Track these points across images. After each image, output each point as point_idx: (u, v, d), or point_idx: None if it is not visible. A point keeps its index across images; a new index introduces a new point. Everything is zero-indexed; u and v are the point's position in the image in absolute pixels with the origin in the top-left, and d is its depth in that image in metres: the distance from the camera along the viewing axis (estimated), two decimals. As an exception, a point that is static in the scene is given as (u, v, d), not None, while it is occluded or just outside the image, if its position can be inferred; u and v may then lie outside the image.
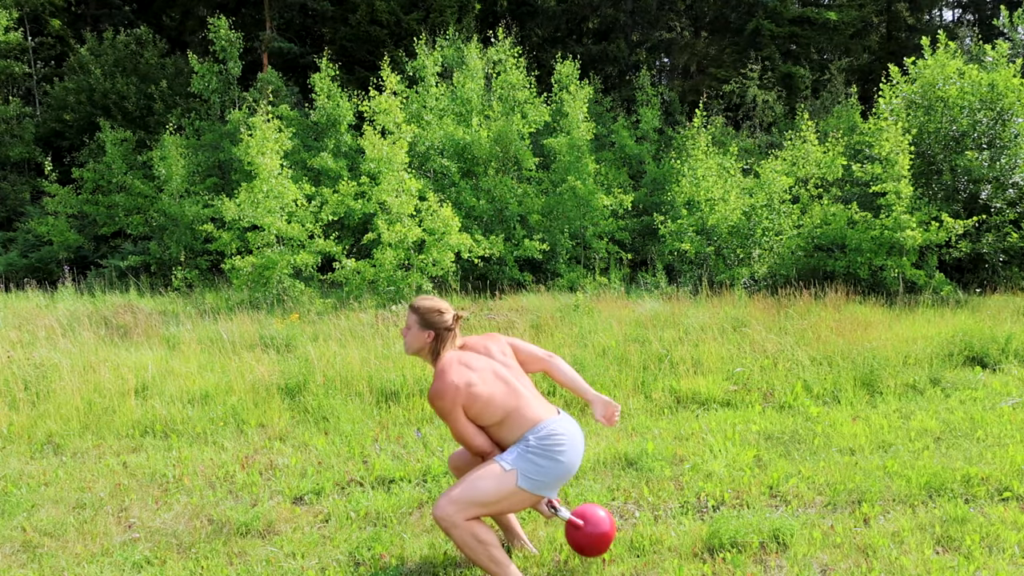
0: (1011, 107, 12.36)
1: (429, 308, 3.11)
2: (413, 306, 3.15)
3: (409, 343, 3.16)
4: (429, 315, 3.10)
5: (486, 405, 2.99)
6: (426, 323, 3.10)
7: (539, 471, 2.95)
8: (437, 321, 3.10)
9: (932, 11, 27.70)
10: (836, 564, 3.26)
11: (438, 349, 3.11)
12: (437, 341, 3.11)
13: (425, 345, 3.12)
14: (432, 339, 3.11)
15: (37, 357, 6.84)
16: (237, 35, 18.08)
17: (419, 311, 3.12)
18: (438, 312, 3.10)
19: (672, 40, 25.35)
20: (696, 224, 13.18)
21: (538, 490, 2.97)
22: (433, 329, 3.10)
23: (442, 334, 3.11)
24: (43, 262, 17.13)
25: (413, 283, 11.42)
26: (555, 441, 2.97)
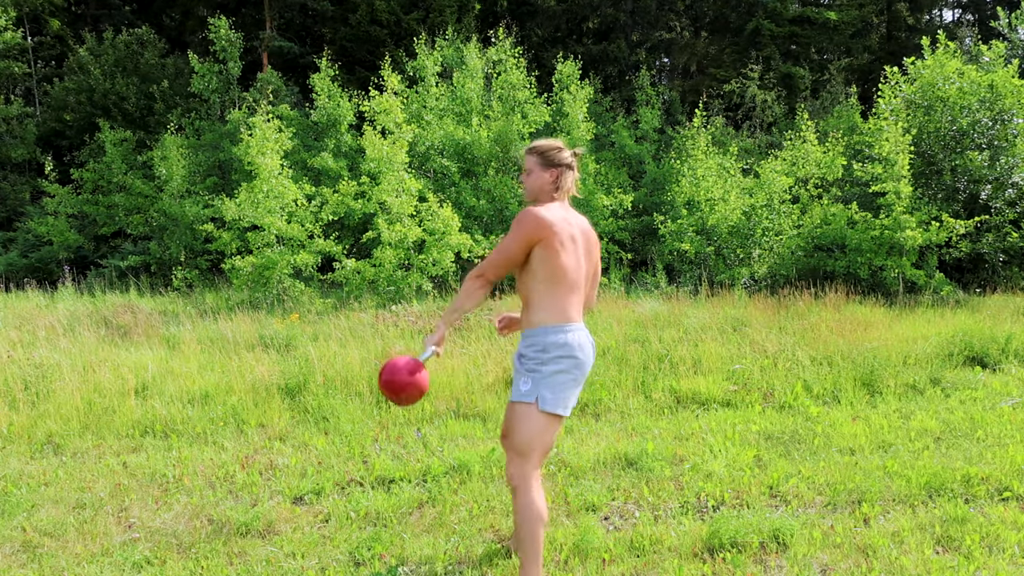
0: (1011, 108, 12.36)
1: (549, 146, 3.11)
2: (531, 148, 3.13)
3: (531, 186, 3.13)
4: (550, 152, 3.09)
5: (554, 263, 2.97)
6: (548, 161, 3.09)
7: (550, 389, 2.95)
8: (559, 158, 3.09)
9: (932, 11, 27.70)
10: (836, 564, 3.26)
11: (559, 188, 3.10)
12: (559, 180, 3.10)
13: (547, 185, 3.10)
14: (555, 178, 3.10)
15: (37, 357, 6.85)
16: (237, 35, 18.08)
17: (539, 150, 3.11)
18: (558, 149, 3.10)
19: (672, 40, 25.34)
20: (696, 224, 13.18)
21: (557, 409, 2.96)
22: (555, 167, 3.09)
23: (564, 172, 3.10)
24: (43, 262, 17.13)
25: (413, 283, 11.42)
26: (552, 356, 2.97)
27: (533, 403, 2.96)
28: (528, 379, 2.99)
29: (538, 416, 2.96)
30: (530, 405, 2.96)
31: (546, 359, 2.97)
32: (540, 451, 3.00)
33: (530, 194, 3.15)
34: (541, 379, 2.97)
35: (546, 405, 2.95)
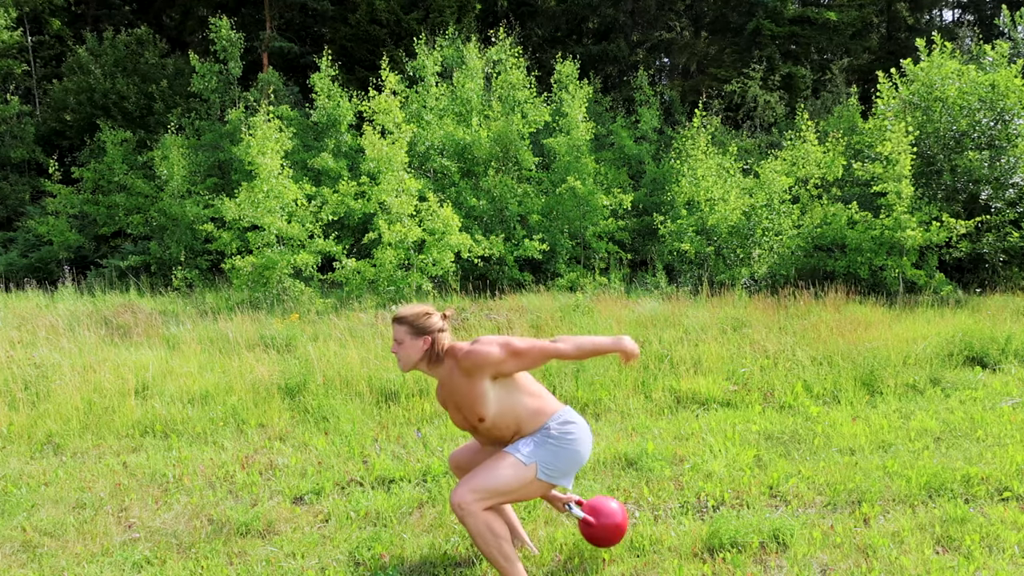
0: (1012, 108, 12.35)
1: (416, 314, 3.00)
2: (397, 318, 3.02)
3: (404, 358, 3.03)
4: (418, 321, 2.99)
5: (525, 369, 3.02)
6: (418, 330, 2.99)
7: (557, 460, 2.98)
8: (428, 324, 2.99)
9: (932, 11, 27.69)
10: (836, 564, 3.26)
11: (437, 353, 3.02)
12: (434, 345, 3.01)
13: (422, 354, 3.02)
14: (429, 345, 3.00)
15: (37, 357, 6.85)
16: (238, 35, 18.08)
17: (406, 320, 3.00)
18: (425, 315, 3.00)
19: (672, 40, 25.34)
20: (696, 224, 13.18)
21: (555, 480, 3.00)
22: (428, 334, 3.00)
23: (437, 336, 3.00)
24: (43, 262, 17.13)
25: (413, 283, 11.42)
26: (572, 428, 3.03)
27: (532, 464, 2.96)
28: (530, 441, 3.00)
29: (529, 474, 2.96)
30: (527, 466, 2.96)
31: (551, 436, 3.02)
32: (511, 499, 3.00)
33: (406, 365, 3.04)
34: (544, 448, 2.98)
35: (544, 476, 2.97)
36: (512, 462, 2.95)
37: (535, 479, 2.95)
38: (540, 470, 2.95)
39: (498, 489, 2.91)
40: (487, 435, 3.11)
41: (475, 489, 2.88)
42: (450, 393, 3.06)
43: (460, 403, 3.04)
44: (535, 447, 2.98)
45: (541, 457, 2.96)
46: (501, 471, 2.92)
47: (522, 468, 2.94)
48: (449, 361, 3.03)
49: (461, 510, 2.86)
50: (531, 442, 2.99)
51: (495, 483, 2.90)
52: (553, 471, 2.98)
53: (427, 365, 3.05)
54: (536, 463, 2.95)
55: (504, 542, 2.91)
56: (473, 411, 3.01)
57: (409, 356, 3.02)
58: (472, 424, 3.08)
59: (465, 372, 2.96)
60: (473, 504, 2.86)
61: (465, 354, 2.94)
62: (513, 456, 2.96)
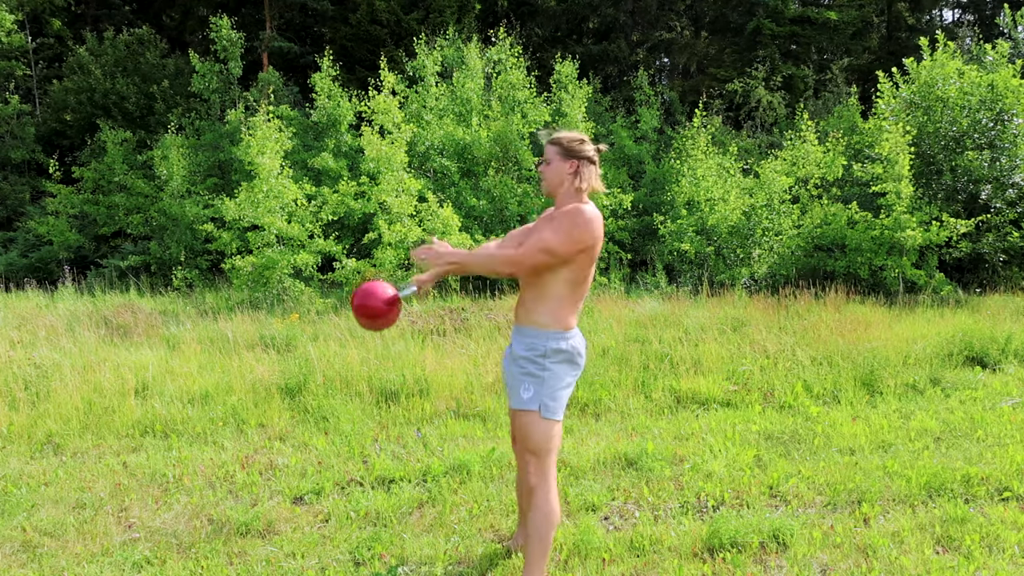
0: (1011, 107, 12.35)
1: (571, 137, 3.00)
2: (553, 138, 3.02)
3: (549, 177, 3.00)
4: (571, 144, 2.98)
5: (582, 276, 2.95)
6: (569, 153, 2.98)
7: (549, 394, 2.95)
8: (580, 150, 2.98)
9: (932, 11, 27.68)
10: (836, 564, 3.26)
11: (579, 184, 2.97)
12: (578, 173, 2.97)
13: (566, 178, 2.98)
14: (574, 169, 2.97)
15: (37, 357, 6.85)
16: (238, 35, 18.08)
17: (560, 141, 3.00)
18: (580, 141, 2.99)
19: (672, 40, 25.34)
20: (696, 224, 13.18)
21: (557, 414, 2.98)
22: (576, 158, 2.97)
23: (584, 164, 2.97)
24: (43, 262, 17.13)
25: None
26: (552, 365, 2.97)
27: (536, 411, 2.96)
28: (529, 386, 2.98)
29: (542, 422, 2.97)
30: (533, 413, 2.96)
31: (547, 365, 2.96)
32: (554, 450, 3.02)
33: (547, 185, 3.03)
34: (542, 386, 2.96)
35: (548, 413, 2.96)
36: (524, 419, 2.97)
37: (542, 419, 2.94)
38: (544, 410, 2.94)
39: (539, 445, 2.95)
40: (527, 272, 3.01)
41: (531, 457, 2.97)
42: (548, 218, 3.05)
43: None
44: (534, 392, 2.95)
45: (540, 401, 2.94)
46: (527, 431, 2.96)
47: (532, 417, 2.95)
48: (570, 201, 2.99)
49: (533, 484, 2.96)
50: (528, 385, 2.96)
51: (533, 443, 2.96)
52: (550, 406, 2.96)
53: (565, 193, 2.99)
54: (539, 406, 2.94)
55: (553, 531, 2.97)
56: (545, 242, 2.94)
57: (554, 176, 3.00)
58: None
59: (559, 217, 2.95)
60: (545, 479, 2.96)
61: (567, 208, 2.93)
62: (522, 412, 2.97)
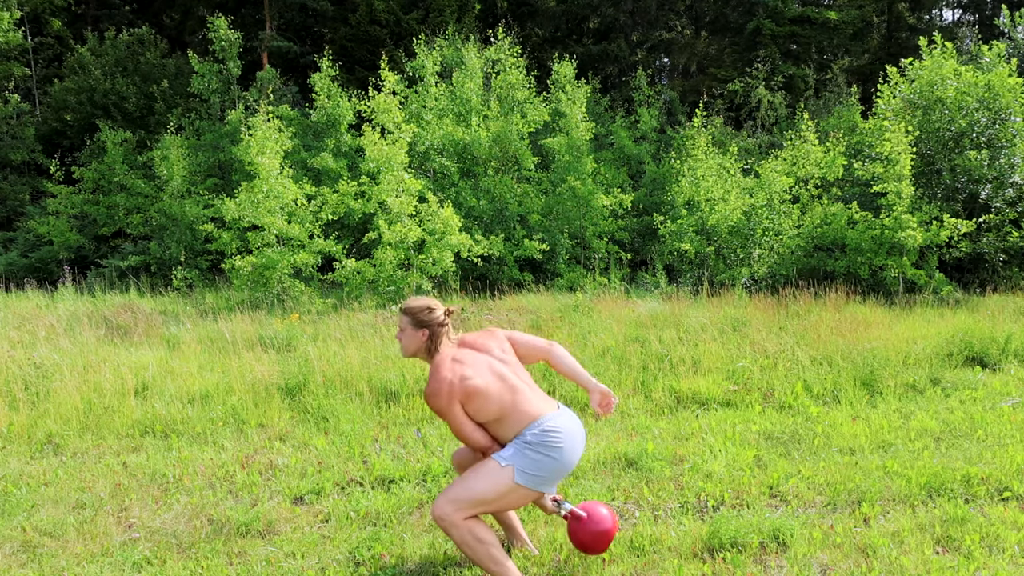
0: (1008, 107, 12.36)
1: (419, 307, 3.14)
2: (403, 308, 3.19)
3: (405, 346, 3.19)
4: (420, 314, 3.13)
5: (484, 400, 3.00)
6: (418, 322, 3.13)
7: (536, 466, 2.95)
8: (429, 319, 3.12)
9: (932, 11, 27.69)
10: (836, 564, 3.26)
11: (434, 347, 3.13)
12: (432, 339, 3.13)
13: (421, 345, 3.15)
14: (427, 337, 3.13)
15: (37, 357, 6.84)
16: (236, 35, 18.08)
17: (410, 312, 3.15)
18: (428, 310, 3.13)
19: (672, 40, 25.35)
20: (696, 224, 13.18)
21: (536, 486, 2.98)
22: (427, 327, 3.12)
23: (436, 331, 3.13)
24: (43, 262, 17.13)
25: (413, 283, 11.42)
26: (553, 437, 2.98)
27: (508, 467, 2.95)
28: (511, 449, 3.00)
29: (506, 478, 2.94)
30: (504, 467, 2.95)
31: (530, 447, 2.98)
32: (488, 509, 3.00)
33: (405, 351, 3.20)
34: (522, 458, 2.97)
35: (521, 478, 2.94)
36: (490, 468, 2.97)
37: (514, 484, 2.93)
38: (517, 473, 2.93)
39: (476, 498, 2.92)
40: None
41: (453, 499, 2.91)
42: None
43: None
44: (514, 452, 2.98)
45: (519, 463, 2.95)
46: (479, 480, 2.95)
47: (499, 472, 2.94)
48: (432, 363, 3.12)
49: (443, 522, 2.90)
50: (511, 447, 3.00)
51: (472, 493, 2.92)
52: (533, 477, 2.96)
53: (424, 356, 3.17)
54: (513, 466, 2.94)
55: (492, 547, 2.92)
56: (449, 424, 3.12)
57: (407, 345, 3.19)
58: None
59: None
60: (454, 515, 2.89)
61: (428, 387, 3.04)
62: (492, 462, 2.98)
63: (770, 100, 20.25)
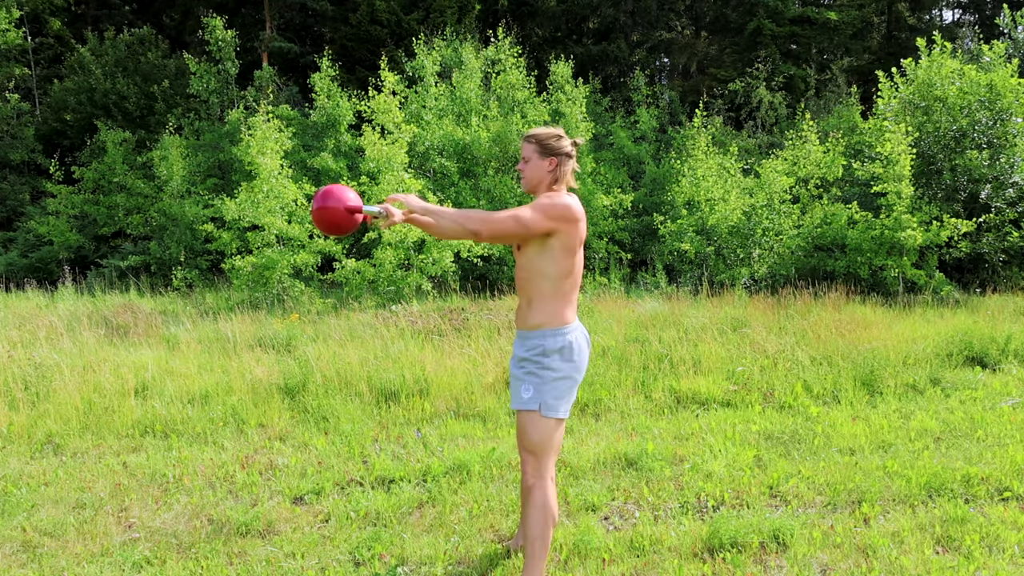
0: (1009, 107, 12.36)
1: (547, 134, 3.01)
2: (529, 135, 3.03)
3: (529, 176, 3.03)
4: (548, 141, 3.00)
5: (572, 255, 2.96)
6: (547, 150, 2.99)
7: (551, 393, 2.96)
8: (557, 146, 3.00)
9: (932, 11, 27.69)
10: (836, 564, 3.26)
11: (560, 178, 3.01)
12: (558, 169, 3.00)
13: (546, 176, 3.01)
14: (554, 167, 3.00)
15: (37, 357, 6.84)
16: (232, 34, 18.08)
17: (537, 138, 3.01)
18: (556, 137, 3.01)
19: (672, 40, 25.35)
20: (696, 224, 13.18)
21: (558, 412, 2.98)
22: (555, 155, 2.99)
23: (563, 160, 3.00)
24: (43, 262, 17.14)
25: (413, 283, 11.42)
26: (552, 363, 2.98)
27: (536, 411, 2.97)
28: (529, 385, 2.99)
29: (543, 421, 2.97)
30: (533, 413, 2.97)
31: (547, 363, 2.97)
32: (552, 451, 3.02)
33: (527, 183, 3.06)
34: (542, 385, 2.97)
35: (549, 412, 2.96)
36: (525, 418, 2.98)
37: (543, 418, 2.95)
38: (544, 409, 2.95)
39: (537, 445, 2.96)
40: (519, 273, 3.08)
41: (529, 457, 2.98)
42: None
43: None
44: (534, 391, 2.97)
45: (541, 399, 2.96)
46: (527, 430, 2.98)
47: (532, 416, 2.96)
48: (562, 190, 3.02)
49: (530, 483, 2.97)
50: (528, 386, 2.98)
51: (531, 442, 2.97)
52: (552, 404, 2.97)
53: (546, 189, 3.02)
54: (539, 404, 2.95)
55: (552, 529, 2.98)
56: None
57: (533, 174, 3.03)
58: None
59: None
60: (542, 479, 2.96)
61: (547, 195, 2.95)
62: (523, 412, 2.99)
63: (770, 100, 20.26)
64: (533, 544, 2.95)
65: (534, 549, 2.95)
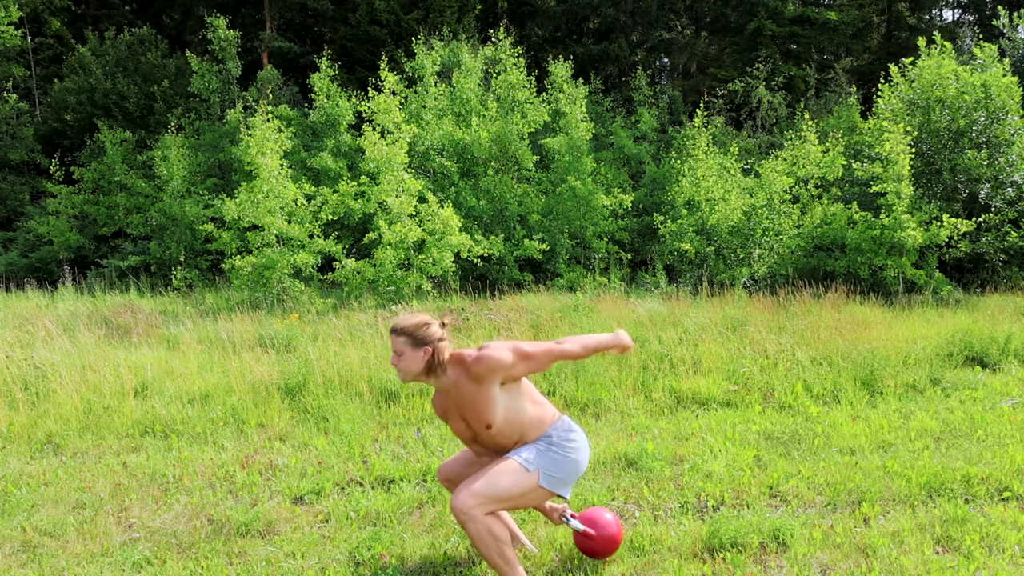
0: (1004, 106, 12.38)
1: (416, 324, 2.92)
2: (396, 328, 2.93)
3: (405, 369, 2.94)
4: (417, 331, 2.91)
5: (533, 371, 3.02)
6: (417, 341, 2.91)
7: (558, 468, 3.00)
8: (428, 334, 2.91)
9: (932, 11, 27.69)
10: (836, 564, 3.26)
11: (439, 363, 2.94)
12: (435, 355, 2.93)
13: (423, 365, 2.94)
14: (430, 355, 2.93)
15: (37, 357, 6.84)
16: (234, 34, 18.09)
17: (406, 331, 2.91)
18: (425, 325, 2.92)
19: (672, 40, 25.34)
20: (696, 224, 13.18)
21: (556, 488, 3.01)
22: (428, 344, 2.92)
23: (438, 346, 2.93)
24: (43, 262, 17.14)
25: (413, 283, 11.43)
26: (573, 437, 3.06)
27: (534, 472, 2.96)
28: (533, 449, 3.01)
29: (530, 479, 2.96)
30: (528, 472, 2.96)
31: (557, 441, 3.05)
32: (505, 504, 2.97)
33: (405, 376, 2.96)
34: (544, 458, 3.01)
35: (549, 485, 2.98)
36: (515, 468, 2.94)
37: (537, 486, 2.96)
38: (542, 477, 2.96)
39: (499, 495, 2.90)
40: (490, 443, 3.07)
41: (476, 494, 2.86)
42: (455, 401, 3.01)
43: (466, 411, 2.99)
44: (538, 454, 2.99)
45: (543, 464, 2.97)
46: (503, 477, 2.91)
47: (524, 475, 2.94)
48: (455, 369, 2.97)
49: (463, 515, 2.84)
50: (533, 449, 3.00)
51: (496, 489, 2.89)
52: (555, 479, 2.99)
53: (428, 375, 2.98)
54: (539, 470, 2.96)
55: (505, 546, 2.90)
56: (481, 418, 2.96)
57: (410, 368, 2.94)
58: (475, 432, 3.05)
59: (475, 378, 2.91)
60: (474, 509, 2.84)
61: (475, 359, 2.90)
62: (516, 462, 2.95)
63: (770, 100, 20.26)
64: (496, 566, 2.92)
65: (499, 569, 2.92)
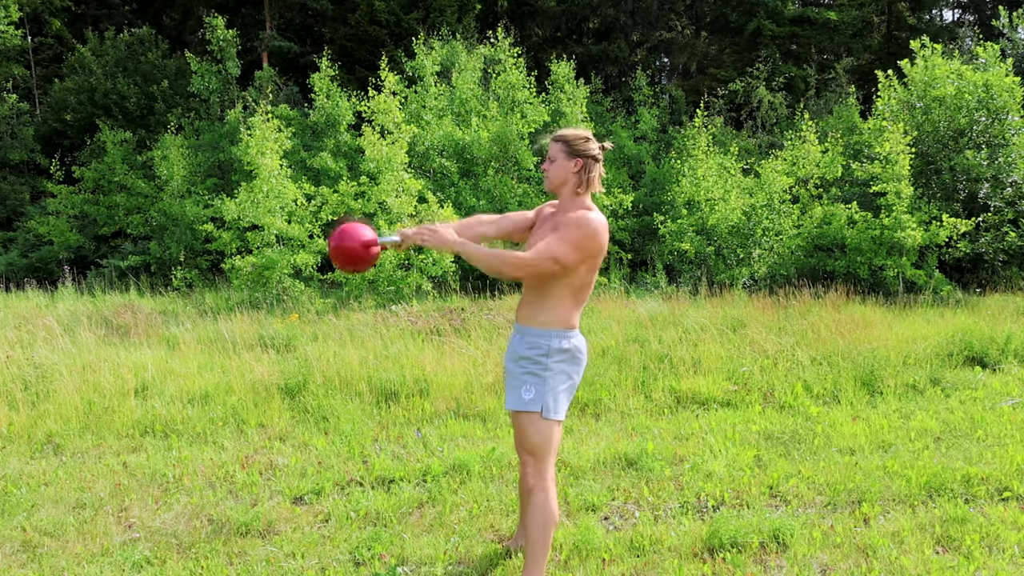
0: (1005, 106, 12.38)
1: (576, 135, 2.97)
2: (557, 135, 2.99)
3: (552, 176, 2.99)
4: (576, 142, 2.95)
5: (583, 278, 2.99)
6: (574, 151, 2.95)
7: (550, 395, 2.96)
8: (584, 148, 2.95)
9: (933, 11, 27.69)
10: (836, 564, 3.26)
11: (584, 181, 2.96)
12: (584, 171, 2.95)
13: (570, 177, 2.96)
14: (579, 168, 2.95)
15: (37, 357, 6.84)
16: (233, 33, 18.08)
17: (565, 138, 2.97)
18: (584, 139, 2.96)
19: (672, 40, 25.35)
20: (696, 224, 13.18)
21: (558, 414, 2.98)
22: (581, 157, 2.95)
23: (589, 163, 2.95)
24: (43, 262, 17.13)
25: (413, 283, 11.43)
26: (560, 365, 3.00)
27: (537, 412, 2.96)
28: (531, 386, 2.98)
29: (544, 423, 2.96)
30: (534, 414, 2.96)
31: (550, 364, 2.97)
32: (552, 452, 3.01)
33: (551, 183, 3.01)
34: (544, 385, 2.96)
35: (549, 413, 2.96)
36: (525, 420, 2.96)
37: (544, 420, 2.94)
38: (545, 411, 2.94)
39: (538, 446, 2.95)
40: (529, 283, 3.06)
41: (529, 458, 2.97)
42: (550, 224, 3.05)
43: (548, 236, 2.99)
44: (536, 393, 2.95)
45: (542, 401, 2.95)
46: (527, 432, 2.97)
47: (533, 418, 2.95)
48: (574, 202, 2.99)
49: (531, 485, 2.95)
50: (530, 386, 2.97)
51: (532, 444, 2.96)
52: (555, 408, 2.97)
53: (569, 191, 2.98)
54: (541, 406, 2.95)
55: (553, 530, 2.96)
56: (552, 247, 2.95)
57: (557, 174, 2.98)
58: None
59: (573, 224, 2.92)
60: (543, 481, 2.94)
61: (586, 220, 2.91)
62: (523, 414, 2.97)
63: (770, 100, 20.26)
64: (534, 546, 2.94)
65: (535, 551, 2.94)
